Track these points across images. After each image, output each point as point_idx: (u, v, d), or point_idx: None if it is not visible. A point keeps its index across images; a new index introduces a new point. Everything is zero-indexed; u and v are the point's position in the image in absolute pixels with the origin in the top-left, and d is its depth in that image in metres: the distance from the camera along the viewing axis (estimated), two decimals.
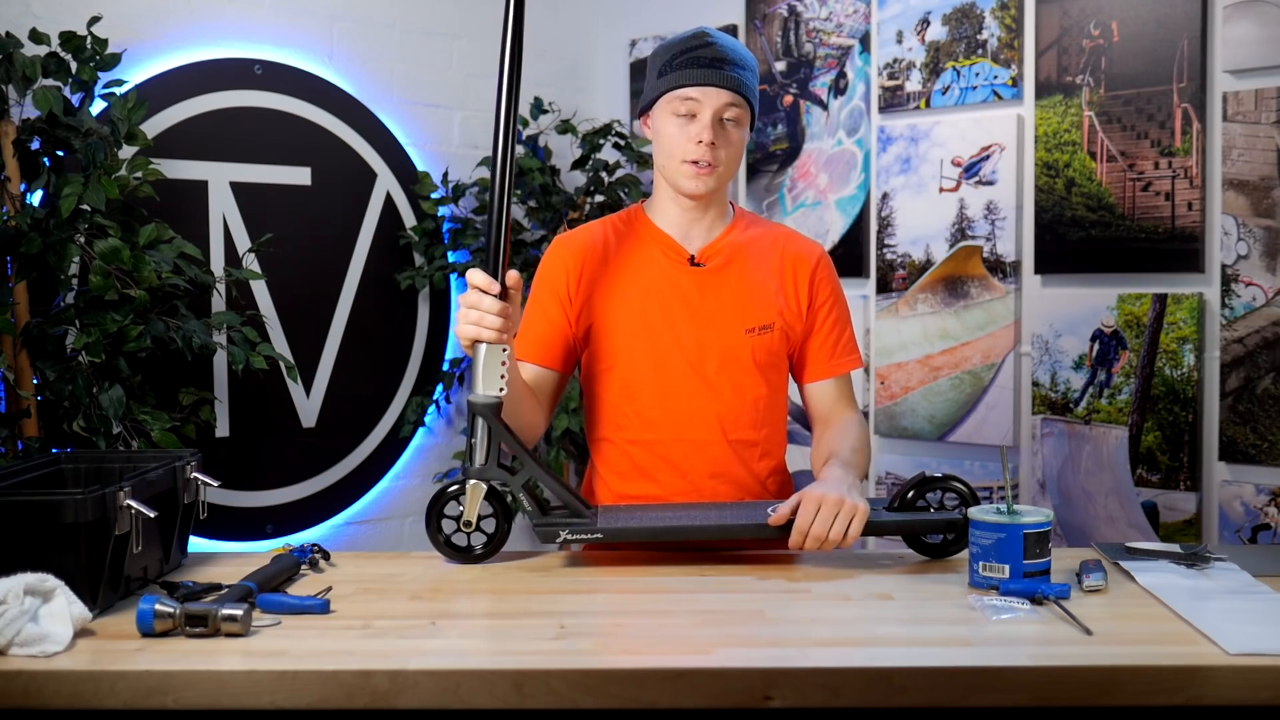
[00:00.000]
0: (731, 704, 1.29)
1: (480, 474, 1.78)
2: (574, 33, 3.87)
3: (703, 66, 1.87)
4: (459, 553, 1.80)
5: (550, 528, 1.75)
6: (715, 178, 1.90)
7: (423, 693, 1.29)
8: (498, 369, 1.75)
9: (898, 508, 1.79)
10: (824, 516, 1.68)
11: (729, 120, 1.89)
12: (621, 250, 1.98)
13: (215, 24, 3.06)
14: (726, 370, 1.93)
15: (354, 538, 3.39)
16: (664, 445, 1.94)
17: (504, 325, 1.72)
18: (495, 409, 1.77)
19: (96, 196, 2.47)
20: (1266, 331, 2.69)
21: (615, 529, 1.76)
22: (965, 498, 1.77)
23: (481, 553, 1.80)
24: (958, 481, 1.79)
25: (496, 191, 1.76)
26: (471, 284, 1.73)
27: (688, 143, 1.88)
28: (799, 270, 1.99)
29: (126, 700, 1.29)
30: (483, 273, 1.73)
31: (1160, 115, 2.82)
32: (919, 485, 1.79)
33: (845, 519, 1.68)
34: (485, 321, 1.72)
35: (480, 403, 1.76)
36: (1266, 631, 1.40)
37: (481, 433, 1.77)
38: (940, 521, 1.75)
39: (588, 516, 1.78)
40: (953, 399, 3.17)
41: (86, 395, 2.47)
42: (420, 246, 3.45)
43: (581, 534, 1.75)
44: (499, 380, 1.75)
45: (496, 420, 1.77)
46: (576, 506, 1.79)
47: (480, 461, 1.77)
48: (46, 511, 1.46)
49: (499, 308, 1.72)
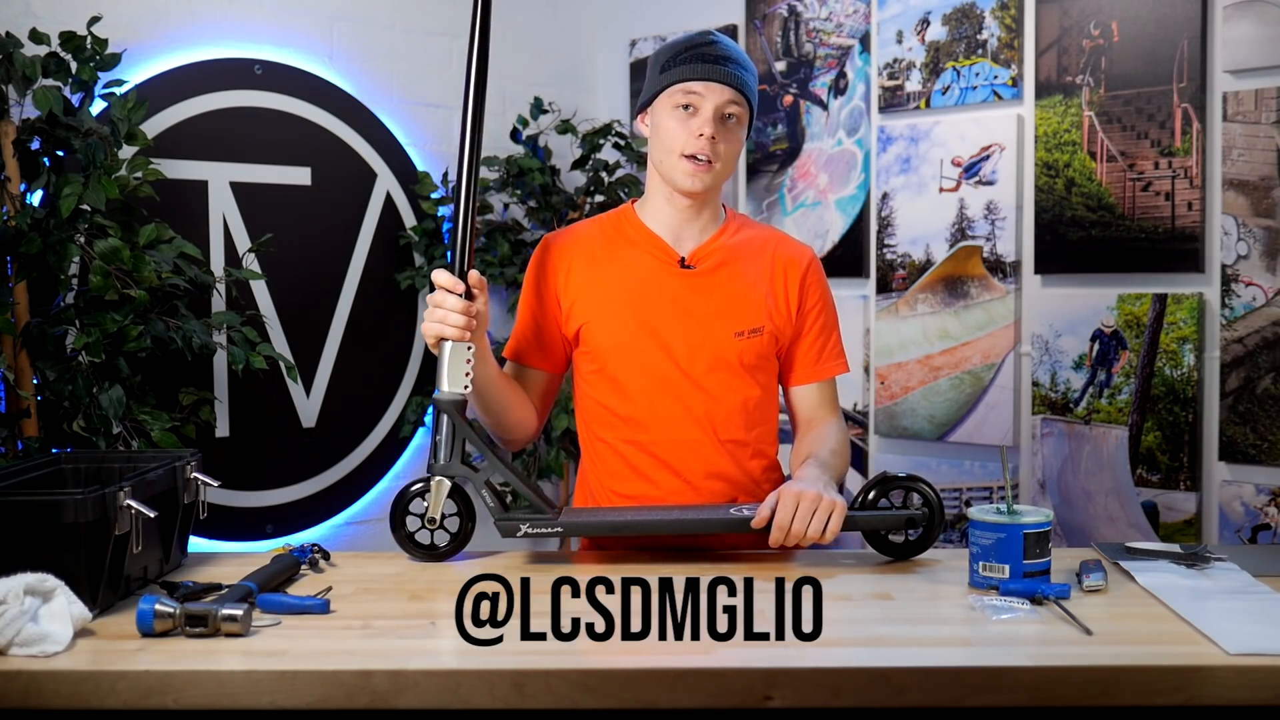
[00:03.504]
0: (731, 704, 1.30)
1: (444, 470, 1.79)
2: (574, 33, 3.87)
3: (707, 62, 1.89)
4: (423, 550, 1.80)
5: (511, 522, 1.76)
6: (712, 175, 1.90)
7: (423, 693, 1.29)
8: (462, 366, 1.78)
9: (859, 507, 1.78)
10: (803, 512, 1.69)
11: (729, 118, 1.90)
12: (611, 251, 1.98)
13: (215, 24, 3.06)
14: (716, 372, 1.93)
15: (354, 538, 3.39)
16: (657, 446, 1.94)
17: (467, 323, 1.77)
18: (460, 406, 1.79)
19: (96, 196, 2.47)
20: (1266, 331, 2.69)
21: (574, 523, 1.79)
22: (928, 498, 1.77)
23: (445, 550, 1.80)
24: (921, 482, 1.78)
25: (462, 192, 1.81)
26: (436, 283, 1.78)
27: (688, 136, 1.88)
28: (790, 274, 1.99)
29: (126, 700, 1.29)
30: (447, 273, 1.79)
31: (1160, 115, 2.82)
32: (880, 484, 1.79)
33: (824, 514, 1.69)
34: (449, 320, 1.76)
35: (445, 400, 1.79)
36: (1266, 631, 1.40)
37: (446, 430, 1.79)
38: (901, 518, 1.75)
39: (549, 512, 1.79)
40: (953, 399, 3.17)
41: (86, 395, 2.47)
42: (420, 246, 3.45)
43: (542, 528, 1.76)
44: (464, 378, 1.79)
45: (460, 417, 1.79)
46: (538, 503, 1.80)
47: (445, 459, 1.79)
48: (46, 511, 1.46)
49: (463, 306, 1.77)
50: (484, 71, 1.83)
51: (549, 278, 1.97)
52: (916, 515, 1.75)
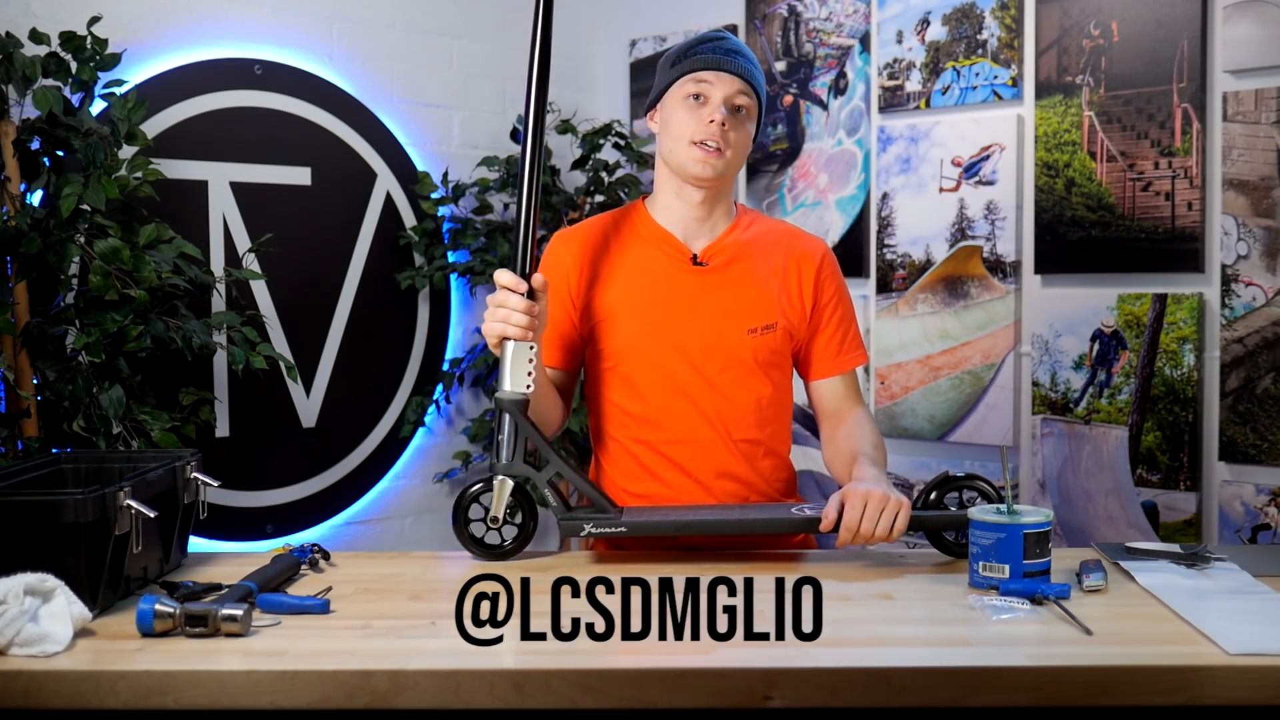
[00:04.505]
0: (731, 704, 1.30)
1: (507, 470, 1.79)
2: (574, 33, 3.87)
3: (717, 54, 1.91)
4: (487, 550, 1.81)
5: (575, 522, 1.77)
6: (723, 163, 1.90)
7: (423, 693, 1.29)
8: (525, 366, 1.78)
9: (921, 507, 1.81)
10: (870, 513, 1.71)
11: (739, 109, 1.91)
12: (623, 248, 1.98)
13: (215, 24, 3.06)
14: (729, 370, 1.93)
15: (354, 538, 3.39)
16: (669, 445, 1.94)
17: (529, 323, 1.76)
18: (522, 406, 1.79)
19: (96, 196, 2.47)
20: (1266, 331, 2.69)
21: (640, 523, 1.79)
22: (989, 496, 1.80)
23: (510, 548, 1.81)
24: (982, 480, 1.81)
25: (525, 194, 1.80)
26: (499, 283, 1.77)
27: (698, 124, 1.89)
28: (803, 268, 1.99)
29: (126, 700, 1.29)
30: (510, 273, 1.78)
31: (1160, 115, 2.82)
32: (942, 484, 1.81)
33: (891, 514, 1.72)
34: (512, 319, 1.76)
35: (507, 399, 1.78)
36: (1266, 631, 1.40)
37: (509, 429, 1.79)
38: (963, 518, 1.76)
39: (612, 512, 1.80)
40: (953, 399, 3.17)
41: (86, 395, 2.47)
42: (420, 246, 3.45)
43: (605, 528, 1.76)
44: (526, 377, 1.78)
45: (523, 417, 1.79)
46: (602, 502, 1.81)
47: (507, 458, 1.79)
48: (46, 511, 1.46)
49: (525, 305, 1.76)
50: (545, 71, 1.82)
51: (560, 276, 1.97)
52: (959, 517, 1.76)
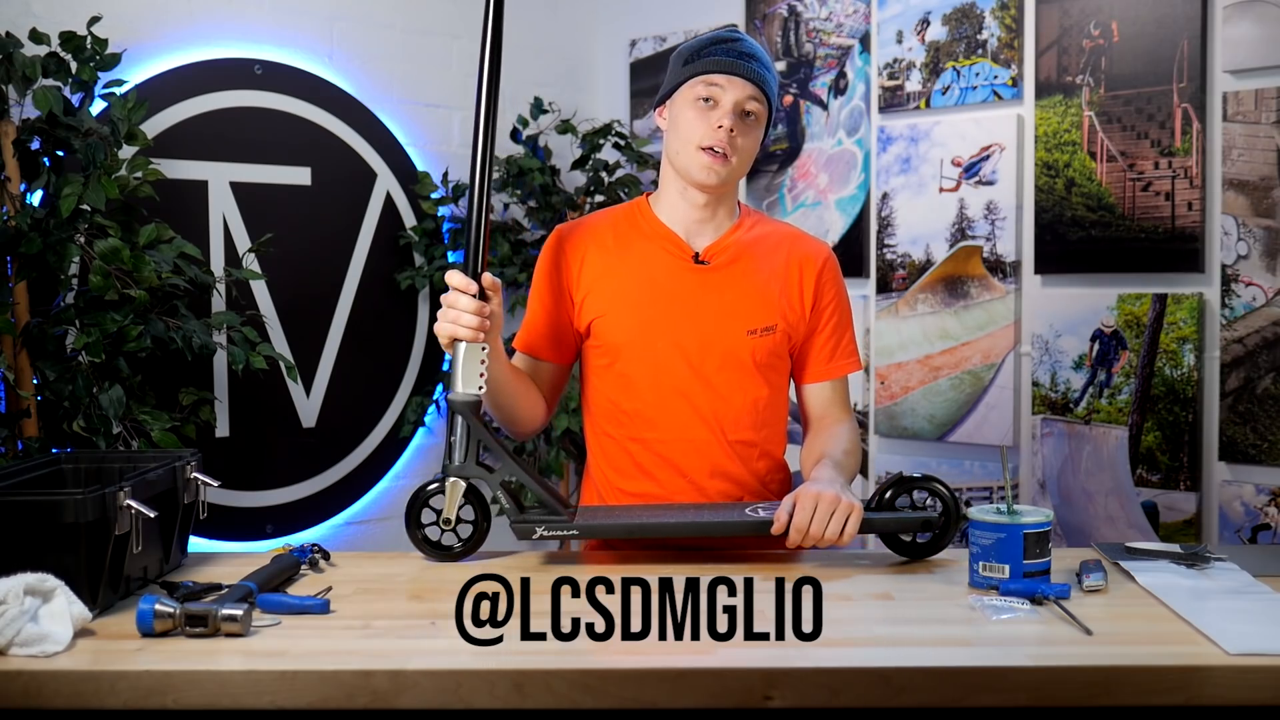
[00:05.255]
0: (731, 704, 1.30)
1: (459, 472, 1.79)
2: (574, 33, 3.87)
3: (731, 56, 1.89)
4: (438, 550, 1.80)
5: (527, 524, 1.76)
6: (728, 169, 1.89)
7: (423, 693, 1.29)
8: (476, 367, 1.77)
9: (875, 508, 1.79)
10: (821, 514, 1.69)
11: (749, 114, 1.90)
12: (624, 244, 1.97)
13: (215, 24, 3.06)
14: (727, 371, 1.93)
15: (354, 538, 3.39)
16: (663, 444, 1.93)
17: (480, 324, 1.76)
18: (474, 407, 1.79)
19: (96, 196, 2.47)
20: (1266, 331, 2.69)
21: (591, 526, 1.78)
22: (944, 499, 1.77)
23: (460, 550, 1.80)
24: (937, 482, 1.79)
25: (475, 194, 1.80)
26: (449, 284, 1.77)
27: (706, 128, 1.87)
28: (805, 271, 1.98)
29: (126, 700, 1.29)
30: (460, 274, 1.78)
31: (1160, 115, 2.82)
32: (896, 485, 1.80)
33: (842, 516, 1.69)
34: (462, 320, 1.75)
35: (459, 400, 1.78)
36: (1266, 631, 1.40)
37: (460, 431, 1.79)
38: (917, 520, 1.76)
39: (564, 514, 1.79)
40: (953, 399, 3.17)
41: (86, 395, 2.47)
42: (420, 246, 3.45)
43: (557, 530, 1.76)
44: (478, 379, 1.78)
45: (475, 418, 1.79)
46: (553, 504, 1.80)
47: (459, 459, 1.79)
48: (46, 511, 1.46)
49: (475, 306, 1.76)
50: (496, 72, 1.81)
51: (562, 270, 1.96)
52: (933, 518, 1.76)
